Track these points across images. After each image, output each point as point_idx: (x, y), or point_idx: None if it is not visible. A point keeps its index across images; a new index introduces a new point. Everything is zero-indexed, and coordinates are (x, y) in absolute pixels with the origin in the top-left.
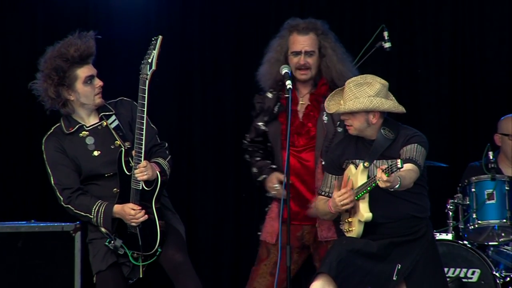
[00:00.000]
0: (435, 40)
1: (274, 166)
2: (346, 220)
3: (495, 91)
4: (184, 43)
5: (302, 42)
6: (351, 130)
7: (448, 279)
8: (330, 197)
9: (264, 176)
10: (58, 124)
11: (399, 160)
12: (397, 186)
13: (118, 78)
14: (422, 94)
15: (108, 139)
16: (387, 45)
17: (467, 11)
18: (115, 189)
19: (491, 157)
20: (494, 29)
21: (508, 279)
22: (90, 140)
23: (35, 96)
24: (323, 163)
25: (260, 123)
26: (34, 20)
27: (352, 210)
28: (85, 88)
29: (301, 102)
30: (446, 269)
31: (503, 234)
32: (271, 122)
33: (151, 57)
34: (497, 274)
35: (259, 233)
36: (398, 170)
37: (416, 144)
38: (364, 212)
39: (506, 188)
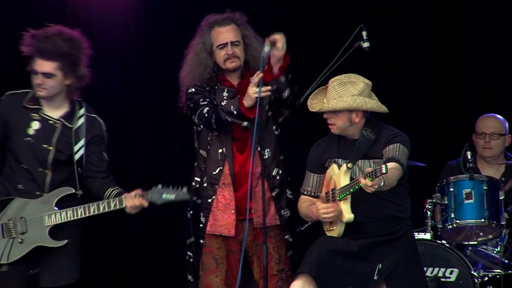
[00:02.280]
0: (414, 40)
1: None
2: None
3: (473, 91)
4: (162, 39)
5: (226, 33)
6: (334, 129)
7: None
8: (312, 196)
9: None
10: (28, 91)
11: (383, 166)
12: (382, 184)
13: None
14: (400, 94)
15: (48, 137)
16: (365, 45)
17: (445, 11)
18: (20, 185)
19: (469, 157)
20: (473, 29)
21: (486, 278)
22: (35, 125)
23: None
24: (258, 148)
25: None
26: (12, 19)
27: None
28: (33, 81)
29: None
30: (424, 269)
31: (481, 234)
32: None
33: None
34: (475, 274)
35: (201, 225)
36: (381, 175)
37: (398, 144)
38: (346, 213)
39: (484, 187)
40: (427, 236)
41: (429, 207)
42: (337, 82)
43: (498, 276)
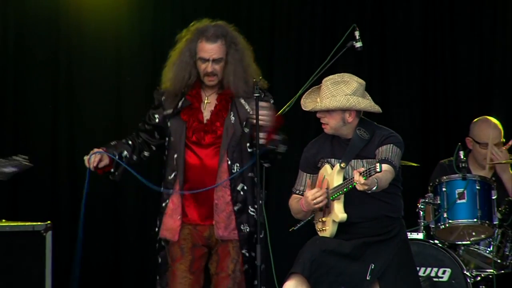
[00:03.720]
0: (406, 39)
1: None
2: (319, 220)
3: (466, 91)
4: (155, 43)
5: (210, 50)
6: (327, 128)
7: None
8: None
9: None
10: None
11: (378, 164)
12: (374, 188)
13: (90, 77)
14: (393, 93)
15: None
16: (358, 44)
17: (438, 11)
18: None
19: (461, 157)
20: (465, 29)
21: (479, 278)
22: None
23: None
24: (229, 162)
25: (156, 115)
26: (5, 21)
27: (326, 210)
28: None
29: (206, 101)
30: (417, 269)
31: (473, 234)
32: (174, 117)
33: None
34: (467, 274)
35: (156, 229)
36: (375, 174)
37: (391, 145)
38: (339, 212)
39: (477, 187)
40: (420, 236)
41: (422, 206)
42: (331, 81)
43: (490, 276)
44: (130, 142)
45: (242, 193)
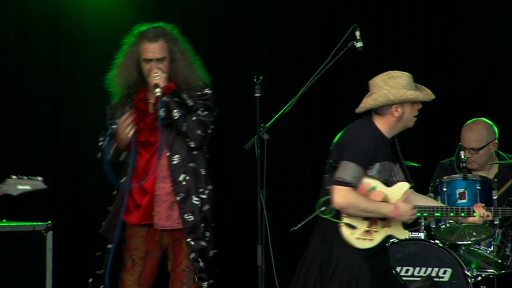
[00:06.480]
0: (407, 40)
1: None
2: (364, 228)
3: (467, 90)
4: None
5: (152, 50)
6: (412, 123)
7: (419, 279)
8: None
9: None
10: None
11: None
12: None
13: (91, 76)
14: None
15: None
16: (359, 44)
17: (439, 11)
18: None
19: (462, 157)
20: (466, 29)
21: (480, 278)
22: None
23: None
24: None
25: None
26: (6, 21)
27: (379, 221)
28: None
29: (150, 101)
30: (418, 269)
31: (474, 234)
32: None
33: None
34: (468, 274)
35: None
36: None
37: None
38: (404, 231)
39: (478, 187)
40: (421, 235)
41: None
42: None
43: (491, 276)
44: None
45: (184, 183)
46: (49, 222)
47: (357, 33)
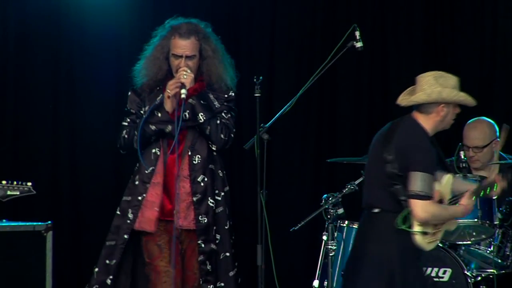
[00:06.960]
0: (407, 40)
1: None
2: (432, 232)
3: (467, 90)
4: None
5: (183, 46)
6: (449, 125)
7: None
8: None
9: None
10: None
11: None
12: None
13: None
14: (393, 93)
15: None
16: (358, 44)
17: (439, 11)
18: None
19: (462, 157)
20: (466, 29)
21: (480, 278)
22: None
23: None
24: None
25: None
26: (5, 19)
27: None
28: None
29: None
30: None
31: (474, 234)
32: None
33: None
34: (468, 274)
35: (128, 221)
36: None
37: None
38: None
39: None
40: None
41: None
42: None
43: (491, 276)
44: None
45: (202, 184)
46: (49, 222)
47: (357, 33)
